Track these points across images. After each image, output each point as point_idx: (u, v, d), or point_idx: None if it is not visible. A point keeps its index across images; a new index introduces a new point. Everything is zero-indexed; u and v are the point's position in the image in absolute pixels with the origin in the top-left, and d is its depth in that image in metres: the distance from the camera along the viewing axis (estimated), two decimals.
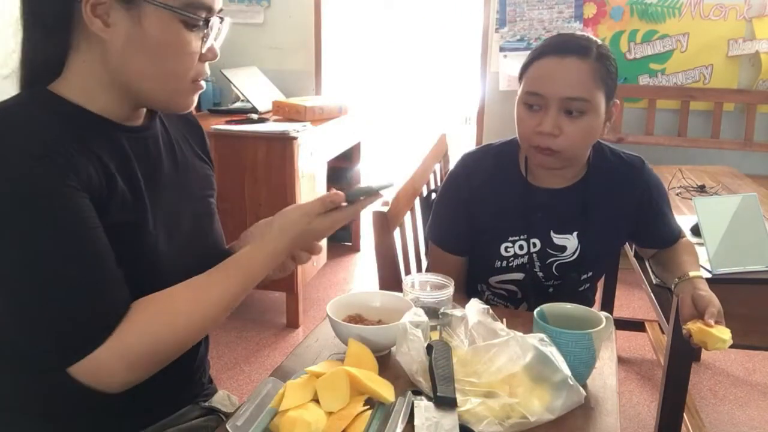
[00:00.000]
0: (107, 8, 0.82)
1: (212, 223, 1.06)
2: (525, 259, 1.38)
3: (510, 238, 1.37)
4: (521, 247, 1.37)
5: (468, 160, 1.45)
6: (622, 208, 1.39)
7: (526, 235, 1.37)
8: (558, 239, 1.38)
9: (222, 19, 0.91)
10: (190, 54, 0.87)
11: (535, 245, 1.37)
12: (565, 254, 1.38)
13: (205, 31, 0.88)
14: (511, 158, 1.40)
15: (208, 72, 0.93)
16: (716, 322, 1.15)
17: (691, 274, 1.31)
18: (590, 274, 1.43)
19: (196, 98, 0.94)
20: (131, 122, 0.93)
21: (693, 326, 1.16)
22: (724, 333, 1.11)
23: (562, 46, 1.26)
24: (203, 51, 0.89)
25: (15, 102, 0.86)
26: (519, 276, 1.39)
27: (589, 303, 1.51)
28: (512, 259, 1.38)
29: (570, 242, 1.38)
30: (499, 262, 1.38)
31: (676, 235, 1.47)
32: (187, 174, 1.03)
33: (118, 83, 0.87)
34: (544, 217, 1.36)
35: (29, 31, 0.87)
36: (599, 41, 1.29)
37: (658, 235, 1.47)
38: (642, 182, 1.40)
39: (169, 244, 0.93)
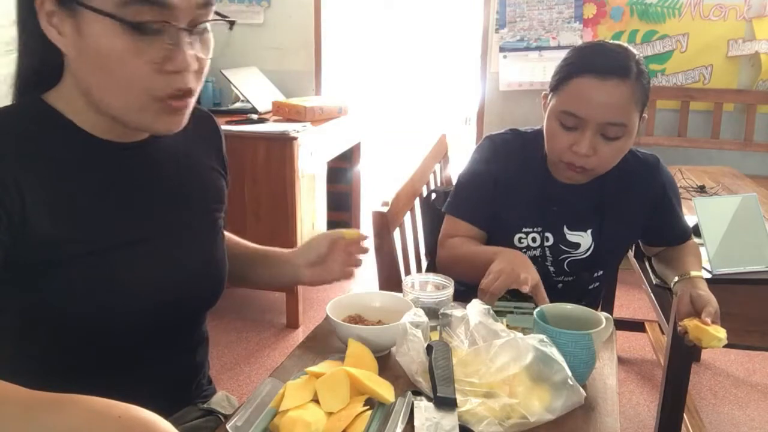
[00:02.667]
0: (59, 17, 0.76)
1: (214, 241, 1.00)
2: (537, 252, 1.38)
3: (524, 230, 1.38)
4: (534, 240, 1.38)
5: (496, 140, 1.44)
6: (638, 206, 1.39)
7: (540, 228, 1.37)
8: (572, 236, 1.38)
9: (189, 30, 0.77)
10: (138, 63, 0.75)
11: (548, 239, 1.38)
12: (578, 251, 1.39)
13: (150, 35, 0.75)
14: (537, 149, 1.39)
15: (184, 85, 0.79)
16: (713, 322, 1.16)
17: (692, 273, 1.32)
18: (601, 272, 1.43)
19: (177, 119, 0.82)
20: (130, 138, 0.88)
21: (689, 323, 1.18)
22: (719, 332, 1.12)
23: (603, 66, 1.22)
24: (158, 60, 0.76)
25: (5, 111, 0.83)
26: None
27: (598, 302, 1.51)
28: (525, 250, 1.38)
29: (584, 240, 1.38)
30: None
31: (687, 234, 1.47)
32: (194, 190, 0.97)
33: (87, 96, 0.81)
34: (559, 211, 1.37)
35: (22, 38, 0.83)
36: (636, 54, 1.26)
37: (670, 234, 1.47)
38: (658, 181, 1.40)
39: (154, 265, 0.89)
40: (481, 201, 1.41)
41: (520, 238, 1.38)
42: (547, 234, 1.38)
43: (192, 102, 0.84)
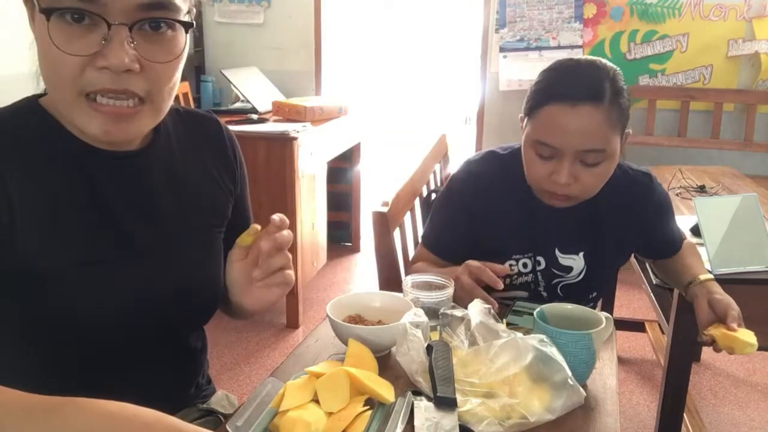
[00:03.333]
0: (30, 10, 0.76)
1: (208, 257, 0.96)
2: (529, 278, 1.33)
3: (514, 256, 1.31)
4: (525, 265, 1.32)
5: (472, 169, 1.37)
6: (631, 227, 1.34)
7: (531, 253, 1.31)
8: (564, 259, 1.32)
9: (129, 26, 0.72)
10: (63, 57, 0.72)
11: (540, 263, 1.32)
12: (570, 275, 1.33)
13: (80, 26, 0.71)
14: (518, 171, 1.31)
15: (117, 86, 0.74)
16: (738, 326, 1.12)
17: (702, 277, 1.28)
18: (595, 294, 1.40)
19: (122, 126, 0.77)
20: (121, 147, 0.85)
21: (716, 331, 1.12)
22: (749, 337, 1.08)
23: (573, 91, 1.15)
24: (88, 53, 0.72)
25: (4, 108, 0.83)
26: (522, 294, 1.34)
27: None
28: (516, 277, 1.33)
29: (576, 263, 1.33)
30: (502, 279, 1.30)
31: (679, 244, 1.43)
32: (188, 204, 0.93)
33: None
34: (549, 234, 1.31)
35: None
36: (612, 71, 1.19)
37: (663, 248, 1.43)
38: (652, 200, 1.35)
39: (140, 281, 0.86)
40: (453, 237, 1.35)
41: (510, 265, 1.30)
42: (539, 258, 1.31)
43: (146, 110, 0.79)
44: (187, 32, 0.79)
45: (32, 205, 0.79)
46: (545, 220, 1.29)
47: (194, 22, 0.81)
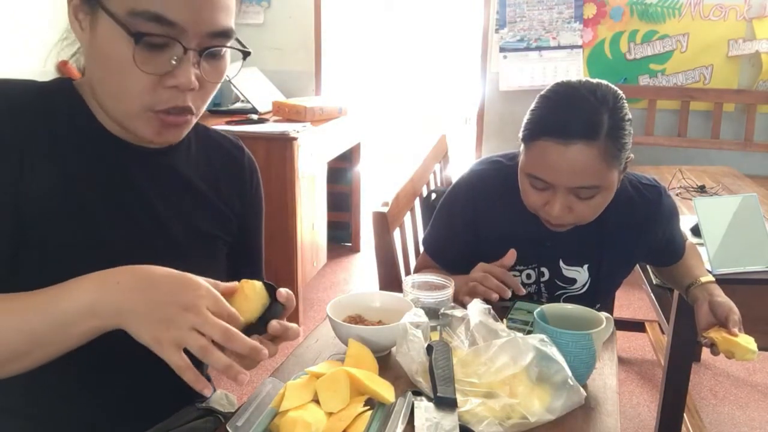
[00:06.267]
0: (82, 12, 0.80)
1: (212, 267, 0.96)
2: (532, 289, 1.32)
3: (517, 267, 1.29)
4: (528, 276, 1.31)
5: (476, 178, 1.35)
6: (638, 243, 1.32)
7: (535, 264, 1.30)
8: (568, 271, 1.31)
9: (198, 51, 0.79)
10: (138, 73, 0.76)
11: (543, 275, 1.31)
12: (574, 287, 1.32)
13: (156, 49, 0.76)
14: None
15: (182, 103, 0.80)
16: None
17: (703, 279, 1.28)
18: (599, 306, 1.37)
19: (174, 132, 0.83)
20: (143, 144, 0.88)
21: (717, 335, 1.12)
22: (750, 343, 1.08)
23: (566, 127, 1.10)
24: (159, 73, 0.77)
25: (36, 83, 0.85)
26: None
27: None
28: None
29: (580, 275, 1.31)
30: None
31: (682, 250, 1.42)
32: (200, 208, 0.96)
33: (93, 94, 0.85)
34: (554, 246, 1.29)
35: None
36: (611, 98, 1.14)
37: (668, 257, 1.42)
38: (661, 218, 1.33)
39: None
40: (455, 248, 1.35)
41: (513, 275, 1.24)
42: (543, 269, 1.30)
43: (193, 119, 0.85)
44: (245, 59, 0.89)
45: (49, 180, 0.81)
46: (550, 232, 1.25)
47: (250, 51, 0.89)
